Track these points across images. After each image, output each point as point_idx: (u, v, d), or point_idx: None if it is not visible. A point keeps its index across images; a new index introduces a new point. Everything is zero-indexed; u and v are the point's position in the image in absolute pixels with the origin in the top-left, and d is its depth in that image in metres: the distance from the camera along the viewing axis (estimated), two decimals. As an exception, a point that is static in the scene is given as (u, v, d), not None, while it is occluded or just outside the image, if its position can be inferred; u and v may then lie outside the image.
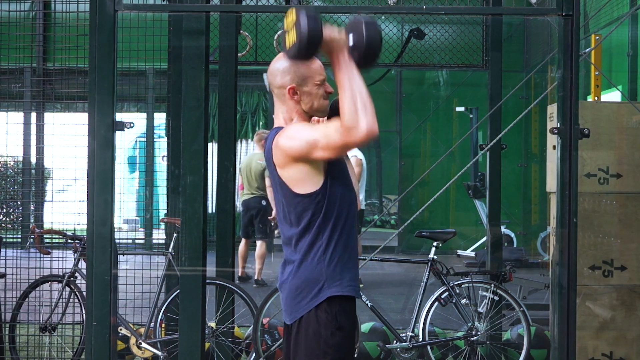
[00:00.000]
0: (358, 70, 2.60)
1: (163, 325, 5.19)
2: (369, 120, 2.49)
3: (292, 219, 2.72)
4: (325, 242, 2.68)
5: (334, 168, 2.71)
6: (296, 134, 2.66)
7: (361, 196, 8.59)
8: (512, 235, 11.14)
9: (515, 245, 11.07)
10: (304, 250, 2.70)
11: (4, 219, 11.65)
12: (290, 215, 2.73)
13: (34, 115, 7.78)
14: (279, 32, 6.97)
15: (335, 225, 2.69)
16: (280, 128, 2.74)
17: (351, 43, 2.62)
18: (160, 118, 11.71)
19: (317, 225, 2.68)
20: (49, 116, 6.28)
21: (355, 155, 8.35)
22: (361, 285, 8.28)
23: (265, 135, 9.05)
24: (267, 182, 8.69)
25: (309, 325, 2.67)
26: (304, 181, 2.67)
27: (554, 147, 3.58)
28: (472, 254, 10.48)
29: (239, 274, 8.71)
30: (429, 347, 5.16)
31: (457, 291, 5.20)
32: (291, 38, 2.57)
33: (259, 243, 8.65)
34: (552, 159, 4.23)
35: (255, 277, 8.68)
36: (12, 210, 11.63)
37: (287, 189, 2.70)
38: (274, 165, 2.71)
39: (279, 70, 2.75)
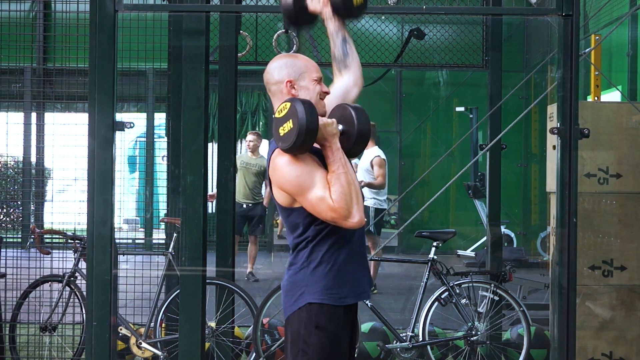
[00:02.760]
0: (347, 156, 2.65)
1: (163, 325, 5.19)
2: (361, 212, 2.58)
3: (286, 226, 2.78)
4: (310, 250, 2.69)
5: None
6: (296, 169, 2.61)
7: (383, 196, 8.44)
8: (512, 235, 11.13)
9: (515, 245, 11.06)
10: (294, 255, 2.74)
11: (4, 219, 11.65)
12: (284, 222, 2.79)
13: (34, 115, 7.78)
14: (279, 32, 6.95)
15: (325, 237, 2.68)
16: None
17: (340, 128, 2.68)
18: (160, 118, 11.70)
19: (306, 234, 2.69)
20: (49, 116, 6.26)
21: (378, 155, 8.15)
22: (375, 291, 8.21)
23: (254, 137, 8.96)
24: None
25: (292, 324, 2.72)
26: (290, 199, 2.69)
27: (554, 147, 3.58)
28: (472, 254, 10.47)
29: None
30: (428, 347, 5.17)
31: (457, 291, 5.20)
32: (287, 127, 2.56)
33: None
34: (552, 159, 4.23)
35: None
36: (12, 210, 11.63)
37: (276, 200, 2.74)
38: (269, 177, 2.73)
39: (276, 67, 2.76)
